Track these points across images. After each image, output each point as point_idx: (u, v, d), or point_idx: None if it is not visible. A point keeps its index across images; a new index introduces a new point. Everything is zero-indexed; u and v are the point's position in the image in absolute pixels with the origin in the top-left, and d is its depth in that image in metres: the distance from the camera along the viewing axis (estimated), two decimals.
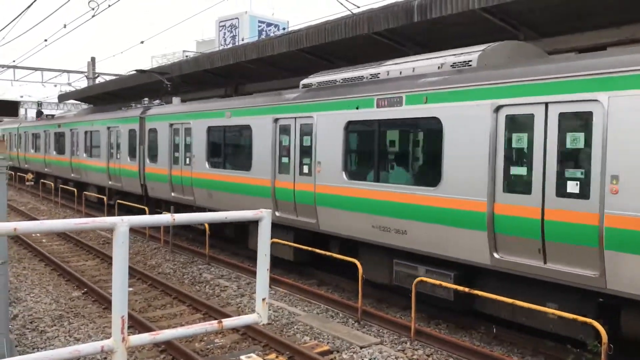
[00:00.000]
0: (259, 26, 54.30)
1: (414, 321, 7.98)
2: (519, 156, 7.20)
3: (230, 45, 42.87)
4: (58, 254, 13.90)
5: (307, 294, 10.31)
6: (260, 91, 16.41)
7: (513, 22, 10.19)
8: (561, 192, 6.70)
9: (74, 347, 3.10)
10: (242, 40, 44.86)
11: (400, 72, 9.34)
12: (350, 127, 9.66)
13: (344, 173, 9.71)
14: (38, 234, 16.47)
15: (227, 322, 3.73)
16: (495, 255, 7.39)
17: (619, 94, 6.18)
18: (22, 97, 56.06)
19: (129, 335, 3.22)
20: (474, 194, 7.59)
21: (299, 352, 7.24)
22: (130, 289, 10.57)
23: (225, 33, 55.62)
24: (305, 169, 10.58)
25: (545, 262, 6.86)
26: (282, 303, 9.85)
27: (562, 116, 6.74)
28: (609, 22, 9.42)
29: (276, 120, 11.29)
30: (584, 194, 6.45)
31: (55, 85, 41.69)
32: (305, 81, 11.50)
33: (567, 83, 6.65)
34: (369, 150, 9.43)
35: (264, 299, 3.75)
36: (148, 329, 7.87)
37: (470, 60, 8.36)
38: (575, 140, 6.63)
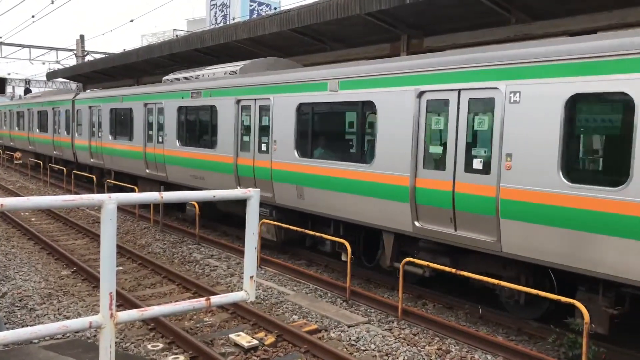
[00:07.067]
0: (251, 5, 53.66)
1: (401, 301, 8.09)
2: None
3: (222, 25, 42.37)
4: (47, 233, 13.86)
5: (297, 274, 10.39)
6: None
7: (506, 6, 10.16)
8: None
9: (62, 323, 3.13)
10: (234, 19, 44.35)
11: (214, 74, 13.88)
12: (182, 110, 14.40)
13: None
14: (27, 212, 16.40)
15: (215, 300, 3.77)
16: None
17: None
18: (9, 74, 55.23)
19: (117, 311, 3.25)
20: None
21: (287, 331, 7.33)
22: (120, 267, 10.59)
23: (216, 12, 54.95)
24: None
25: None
26: (271, 283, 9.92)
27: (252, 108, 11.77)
28: (598, 4, 9.40)
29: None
30: None
31: (44, 63, 41.12)
32: (165, 77, 16.08)
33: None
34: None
35: (251, 277, 3.78)
36: (137, 307, 7.91)
37: (236, 70, 13.19)
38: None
